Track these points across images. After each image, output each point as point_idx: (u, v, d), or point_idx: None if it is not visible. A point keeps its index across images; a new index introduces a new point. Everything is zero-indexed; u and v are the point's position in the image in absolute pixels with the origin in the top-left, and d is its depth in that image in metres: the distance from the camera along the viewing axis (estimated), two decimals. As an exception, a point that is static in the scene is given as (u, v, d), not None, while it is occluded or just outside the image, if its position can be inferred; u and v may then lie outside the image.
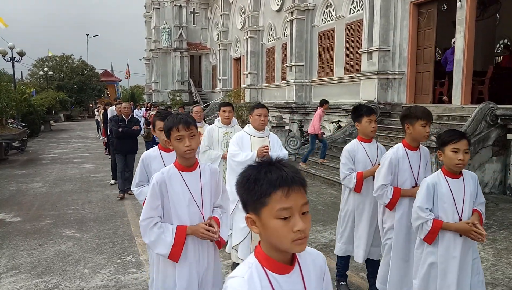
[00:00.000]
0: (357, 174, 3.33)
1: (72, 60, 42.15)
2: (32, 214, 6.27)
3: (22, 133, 14.00)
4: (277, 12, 18.08)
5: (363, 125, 3.35)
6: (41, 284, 3.83)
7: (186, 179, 2.23)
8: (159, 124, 2.80)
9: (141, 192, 3.01)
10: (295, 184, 1.10)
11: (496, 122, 7.32)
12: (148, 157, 2.99)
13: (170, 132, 2.17)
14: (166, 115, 2.61)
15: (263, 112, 3.73)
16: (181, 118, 2.16)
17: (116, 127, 7.32)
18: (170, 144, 2.21)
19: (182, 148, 2.15)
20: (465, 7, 8.86)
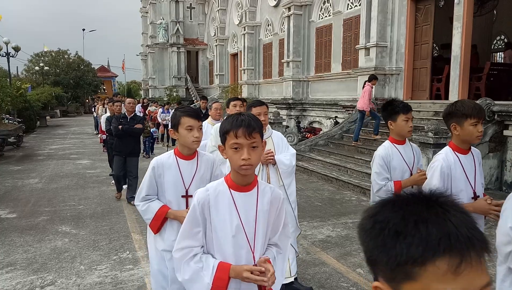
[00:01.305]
0: (394, 184, 2.84)
1: (68, 55, 41.94)
2: (28, 210, 6.24)
3: (18, 128, 13.92)
4: (275, 7, 18.01)
5: (399, 124, 2.85)
6: (37, 280, 3.81)
7: (237, 201, 1.70)
8: (187, 121, 2.31)
9: (149, 208, 2.42)
10: (472, 249, 0.63)
11: (493, 118, 7.33)
12: (160, 165, 2.39)
13: (226, 136, 1.65)
14: (196, 112, 2.40)
15: (262, 110, 3.21)
16: (243, 121, 1.62)
17: (116, 124, 6.48)
18: (224, 152, 1.71)
19: (238, 161, 1.61)
20: (462, 3, 8.85)
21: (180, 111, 2.35)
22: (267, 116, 3.29)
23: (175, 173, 2.35)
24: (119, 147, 6.61)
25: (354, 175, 8.02)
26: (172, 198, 2.37)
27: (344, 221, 5.64)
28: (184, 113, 2.31)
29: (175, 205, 2.37)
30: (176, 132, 2.33)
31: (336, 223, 5.52)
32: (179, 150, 2.38)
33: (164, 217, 2.36)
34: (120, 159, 6.60)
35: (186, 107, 2.40)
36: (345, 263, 4.19)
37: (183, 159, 2.37)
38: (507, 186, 7.30)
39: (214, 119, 5.23)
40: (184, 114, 2.30)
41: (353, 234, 5.12)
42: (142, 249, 4.55)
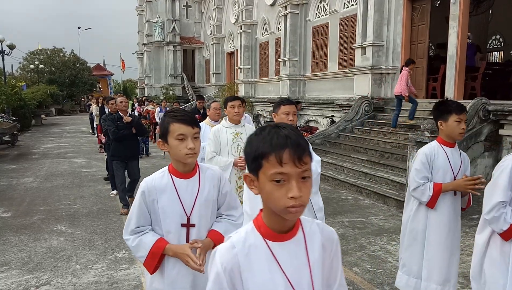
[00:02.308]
0: (434, 185, 2.66)
1: (64, 53, 41.69)
2: (23, 209, 6.20)
3: (13, 127, 13.83)
4: (271, 6, 17.99)
5: (451, 125, 2.66)
6: (32, 280, 3.78)
7: (280, 256, 1.13)
8: (177, 129, 1.81)
9: (141, 244, 1.90)
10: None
11: (488, 117, 7.37)
12: (152, 189, 1.88)
13: (262, 162, 1.07)
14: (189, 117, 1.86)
15: (291, 109, 2.85)
16: (288, 138, 1.06)
17: (114, 127, 5.87)
18: (255, 185, 1.12)
19: (283, 199, 1.05)
20: (458, 3, 8.87)
21: (169, 116, 1.85)
22: (295, 117, 2.90)
23: (171, 197, 1.86)
24: (119, 151, 5.95)
25: (351, 174, 8.04)
26: (170, 228, 1.89)
27: (341, 220, 5.65)
28: (173, 118, 1.82)
29: (174, 236, 1.89)
30: (165, 143, 1.85)
31: (332, 222, 5.53)
32: (174, 166, 1.90)
33: (161, 254, 1.88)
34: (122, 165, 5.99)
35: (176, 110, 1.89)
36: (342, 262, 4.19)
37: (181, 177, 1.88)
38: (502, 185, 7.33)
39: (212, 120, 4.97)
40: (174, 119, 1.81)
41: (350, 233, 5.13)
42: (138, 248, 4.54)
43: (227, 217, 2.02)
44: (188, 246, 1.84)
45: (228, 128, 3.93)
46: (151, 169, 9.37)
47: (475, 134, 7.29)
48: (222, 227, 1.97)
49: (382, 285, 3.67)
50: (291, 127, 1.10)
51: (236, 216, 2.03)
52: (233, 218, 2.02)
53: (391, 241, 4.81)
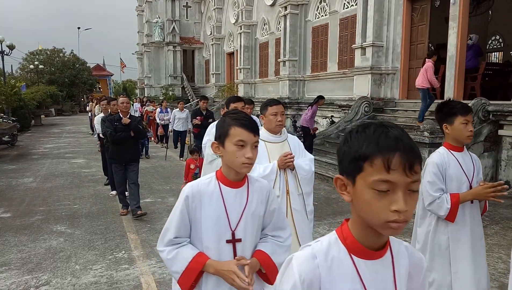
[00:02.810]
0: (451, 196, 2.40)
1: (63, 53, 41.68)
2: (23, 209, 6.19)
3: (12, 127, 13.82)
4: (271, 6, 18.00)
5: (457, 128, 2.43)
6: (31, 280, 3.78)
7: (365, 275, 1.00)
8: (239, 134, 1.63)
9: (179, 257, 1.68)
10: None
11: (488, 118, 7.38)
12: (197, 195, 1.68)
13: (363, 165, 0.92)
14: (253, 122, 1.68)
15: (279, 110, 2.86)
16: (398, 140, 0.91)
17: (111, 129, 5.59)
18: (347, 190, 0.99)
19: (385, 212, 0.90)
20: (458, 3, 8.88)
21: (231, 118, 1.66)
22: (284, 117, 2.91)
23: (217, 206, 1.65)
24: (118, 154, 5.68)
25: (350, 175, 8.04)
26: (212, 244, 1.67)
27: (340, 220, 5.64)
28: (236, 122, 1.64)
29: (215, 253, 1.67)
30: (221, 146, 1.66)
31: (332, 222, 5.53)
32: (224, 173, 1.69)
33: (200, 271, 1.65)
34: (120, 168, 5.74)
35: (239, 113, 1.71)
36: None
37: (229, 186, 1.68)
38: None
39: None
40: (236, 123, 1.63)
41: (349, 233, 5.13)
42: (138, 249, 4.54)
43: (273, 238, 1.80)
44: (234, 262, 1.62)
45: None
46: (151, 170, 9.38)
47: (474, 134, 7.29)
48: (269, 247, 1.76)
49: (382, 286, 3.67)
50: (401, 128, 0.94)
51: (283, 237, 1.81)
52: (280, 239, 1.80)
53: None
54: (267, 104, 2.91)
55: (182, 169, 9.56)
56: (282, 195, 2.81)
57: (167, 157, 11.08)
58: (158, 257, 4.31)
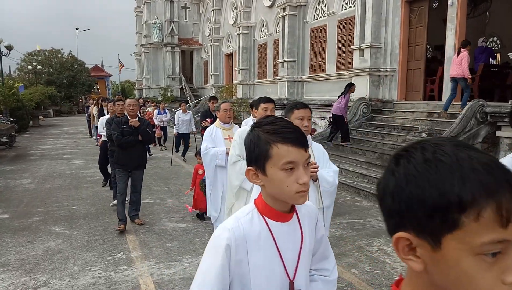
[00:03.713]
0: None
1: (62, 54, 41.61)
2: (21, 210, 6.18)
3: (10, 128, 13.79)
4: (269, 8, 18.03)
5: None
6: (29, 282, 3.77)
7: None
8: (288, 153, 1.17)
9: None
10: None
11: (485, 119, 7.40)
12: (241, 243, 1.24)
13: (459, 216, 0.55)
14: (303, 135, 1.22)
15: (306, 114, 2.57)
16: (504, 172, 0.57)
17: (118, 132, 5.21)
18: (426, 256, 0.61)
19: None
20: (456, 5, 8.92)
21: (268, 132, 1.19)
22: (310, 122, 2.61)
23: (269, 252, 1.23)
24: (124, 159, 5.26)
25: (349, 176, 8.05)
26: None
27: (339, 221, 5.66)
28: (278, 136, 1.17)
29: None
30: (260, 173, 1.20)
31: (330, 223, 5.53)
32: (269, 203, 1.25)
33: None
34: (124, 174, 5.29)
35: (275, 121, 1.22)
36: (340, 263, 4.20)
37: (278, 220, 1.25)
38: (499, 186, 7.36)
39: (223, 122, 4.68)
40: (280, 138, 1.16)
41: (348, 234, 5.14)
42: (136, 250, 4.54)
43: (318, 273, 1.49)
44: None
45: None
46: (150, 171, 9.33)
47: (472, 135, 7.33)
48: None
49: (380, 287, 3.68)
50: (474, 147, 0.62)
51: (329, 269, 1.51)
52: (327, 273, 1.50)
53: (389, 243, 4.82)
54: (293, 106, 2.62)
55: (181, 170, 9.57)
56: None
57: (172, 161, 10.31)
58: (156, 258, 4.31)
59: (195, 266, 4.11)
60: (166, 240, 4.88)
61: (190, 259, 4.30)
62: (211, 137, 4.59)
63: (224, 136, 4.61)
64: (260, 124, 1.24)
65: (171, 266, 4.12)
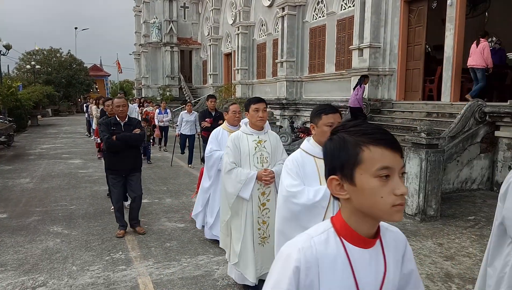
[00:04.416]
0: None
1: (60, 54, 41.56)
2: (19, 210, 6.16)
3: (9, 128, 13.76)
4: (269, 7, 18.01)
5: None
6: (28, 281, 3.76)
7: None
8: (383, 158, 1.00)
9: None
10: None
11: (484, 119, 7.41)
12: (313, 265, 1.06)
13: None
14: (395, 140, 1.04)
15: (336, 119, 2.32)
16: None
17: (108, 134, 4.79)
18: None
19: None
20: (455, 5, 8.93)
21: (356, 133, 1.04)
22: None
23: (345, 281, 1.06)
24: (116, 164, 4.88)
25: (348, 175, 8.04)
26: None
27: (338, 221, 5.65)
28: (369, 137, 1.02)
29: None
30: (346, 182, 1.04)
31: (329, 223, 5.53)
32: (351, 224, 1.07)
33: None
34: (119, 180, 4.93)
35: (364, 122, 1.10)
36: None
37: (359, 245, 1.07)
38: (498, 186, 7.37)
39: (231, 125, 4.41)
40: (371, 140, 1.01)
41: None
42: (135, 250, 4.53)
43: None
44: None
45: (250, 134, 3.35)
46: (148, 171, 9.32)
47: (471, 135, 7.33)
48: None
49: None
50: None
51: None
52: None
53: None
54: (321, 111, 2.35)
55: (181, 170, 9.55)
56: None
57: (172, 163, 10.17)
58: (155, 258, 4.31)
59: (193, 266, 4.11)
60: (164, 239, 4.88)
61: (188, 258, 4.29)
62: (216, 139, 4.37)
63: None
64: (343, 127, 1.09)
65: (170, 266, 4.12)
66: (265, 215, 3.33)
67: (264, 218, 3.33)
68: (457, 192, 7.19)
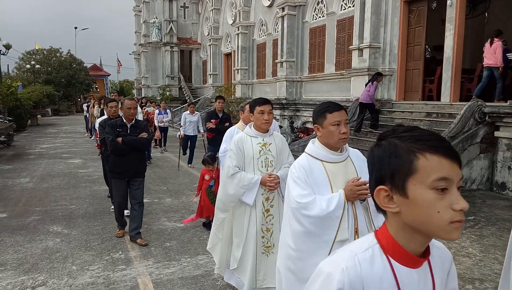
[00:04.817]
0: None
1: (60, 53, 41.52)
2: (19, 210, 6.17)
3: (9, 127, 13.76)
4: (269, 7, 18.02)
5: None
6: (28, 281, 3.77)
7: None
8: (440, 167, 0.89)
9: None
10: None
11: (484, 119, 7.42)
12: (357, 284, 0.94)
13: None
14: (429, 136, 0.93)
15: (342, 117, 2.15)
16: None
17: (113, 136, 4.58)
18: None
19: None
20: (454, 5, 8.94)
21: (409, 139, 0.93)
22: (348, 126, 2.18)
23: None
24: (119, 168, 4.67)
25: (347, 175, 8.05)
26: None
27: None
28: (424, 144, 0.90)
29: None
30: (397, 194, 0.92)
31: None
32: (400, 240, 0.96)
33: None
34: (122, 184, 4.73)
35: (417, 127, 0.98)
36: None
37: (407, 265, 0.97)
38: (497, 186, 7.38)
39: (247, 124, 4.06)
40: (427, 147, 0.90)
41: (346, 234, 5.13)
42: (135, 249, 4.53)
43: None
44: None
45: (254, 137, 3.17)
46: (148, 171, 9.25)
47: (471, 135, 7.34)
48: None
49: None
50: None
51: None
52: None
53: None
54: (325, 110, 2.15)
55: (181, 170, 9.56)
56: (351, 237, 2.09)
57: (180, 166, 9.77)
58: (155, 258, 4.31)
59: (193, 265, 4.12)
60: (164, 239, 4.88)
61: (188, 258, 4.30)
62: (231, 138, 4.09)
63: None
64: (393, 132, 0.98)
65: (170, 265, 4.12)
66: (269, 222, 3.14)
67: (268, 225, 3.15)
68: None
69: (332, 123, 2.10)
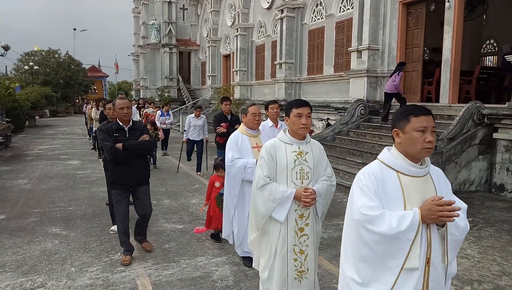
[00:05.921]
0: None
1: (59, 55, 41.46)
2: (17, 211, 6.15)
3: (6, 128, 13.73)
4: (267, 9, 18.04)
5: None
6: (26, 283, 3.75)
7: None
8: None
9: None
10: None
11: (482, 121, 7.44)
12: None
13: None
14: None
15: (430, 124, 1.87)
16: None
17: (111, 143, 4.04)
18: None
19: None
20: (453, 8, 8.97)
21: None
22: (434, 135, 1.82)
23: None
24: (122, 177, 4.12)
25: (346, 177, 8.06)
26: None
27: (336, 222, 5.66)
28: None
29: None
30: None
31: (328, 224, 5.53)
32: None
33: None
34: (124, 196, 4.22)
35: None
36: (337, 264, 4.19)
37: None
38: (496, 188, 7.39)
39: (250, 128, 4.01)
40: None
41: (345, 235, 5.13)
42: (134, 251, 4.52)
43: None
44: None
45: (289, 144, 2.76)
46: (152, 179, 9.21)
47: (469, 137, 7.36)
48: None
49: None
50: None
51: None
52: None
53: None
54: (409, 112, 1.84)
55: (179, 171, 9.54)
56: (421, 267, 1.77)
57: (179, 169, 9.63)
58: (154, 259, 4.30)
59: (192, 267, 4.11)
60: (163, 241, 4.87)
61: (187, 260, 4.29)
62: (236, 145, 3.90)
63: (252, 145, 3.95)
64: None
65: (169, 267, 4.11)
66: (303, 243, 2.73)
67: (302, 247, 2.73)
68: (455, 194, 7.17)
69: (416, 129, 1.80)
